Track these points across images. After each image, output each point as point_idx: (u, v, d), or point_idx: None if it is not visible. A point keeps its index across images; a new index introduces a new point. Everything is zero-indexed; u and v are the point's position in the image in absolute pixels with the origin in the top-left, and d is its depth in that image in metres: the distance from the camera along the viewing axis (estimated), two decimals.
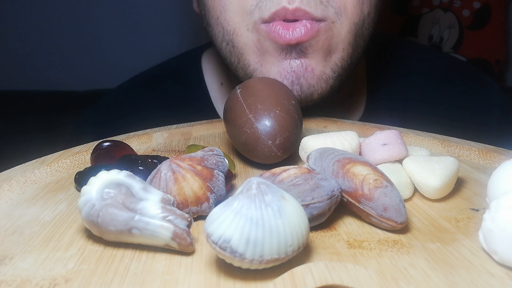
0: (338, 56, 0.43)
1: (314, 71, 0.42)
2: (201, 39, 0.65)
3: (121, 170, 0.24)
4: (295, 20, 0.40)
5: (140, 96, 0.60)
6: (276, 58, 0.42)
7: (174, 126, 0.44)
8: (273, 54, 0.42)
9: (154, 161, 0.30)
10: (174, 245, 0.22)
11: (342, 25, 0.41)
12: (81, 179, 0.29)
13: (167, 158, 0.29)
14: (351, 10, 0.41)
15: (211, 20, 0.45)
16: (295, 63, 0.41)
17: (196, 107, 0.58)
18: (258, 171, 0.34)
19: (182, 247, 0.22)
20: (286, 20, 0.40)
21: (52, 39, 1.19)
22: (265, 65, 0.43)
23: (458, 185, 0.31)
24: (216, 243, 0.19)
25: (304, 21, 0.40)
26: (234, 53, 0.44)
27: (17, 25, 1.17)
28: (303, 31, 0.39)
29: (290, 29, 0.40)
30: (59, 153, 0.35)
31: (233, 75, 0.47)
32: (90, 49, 1.21)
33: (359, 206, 0.25)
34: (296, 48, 0.41)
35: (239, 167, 0.35)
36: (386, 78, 0.58)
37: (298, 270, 0.19)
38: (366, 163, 0.26)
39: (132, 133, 0.41)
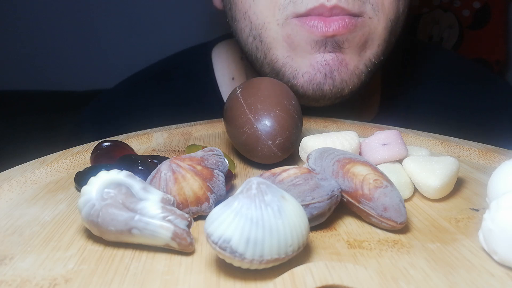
0: (373, 52, 0.42)
1: (348, 66, 0.41)
2: (204, 40, 0.64)
3: (121, 170, 0.24)
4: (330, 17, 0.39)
5: (144, 92, 0.59)
6: (309, 51, 0.41)
7: (174, 126, 0.44)
8: (305, 48, 0.41)
9: (154, 161, 0.30)
10: (174, 245, 0.22)
11: (379, 21, 0.41)
12: (81, 179, 0.29)
13: (167, 158, 0.29)
14: (388, 7, 0.41)
15: (238, 14, 0.44)
16: (330, 56, 0.40)
17: (204, 103, 0.57)
18: (258, 171, 0.34)
19: (182, 247, 0.22)
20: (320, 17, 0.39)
21: (52, 39, 1.19)
22: (296, 59, 0.42)
23: (458, 185, 0.31)
24: (216, 243, 0.19)
25: (341, 17, 0.39)
26: (261, 48, 0.43)
27: (17, 25, 1.17)
28: (340, 24, 0.39)
29: (327, 22, 0.39)
30: (59, 153, 0.35)
31: (248, 70, 0.46)
32: (90, 49, 1.21)
33: (359, 206, 0.25)
34: (332, 41, 0.40)
35: (239, 167, 0.35)
36: (401, 81, 0.57)
37: (298, 270, 0.19)
38: (366, 163, 0.26)
39: (132, 133, 0.41)
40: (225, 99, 0.57)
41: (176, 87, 0.58)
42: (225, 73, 0.58)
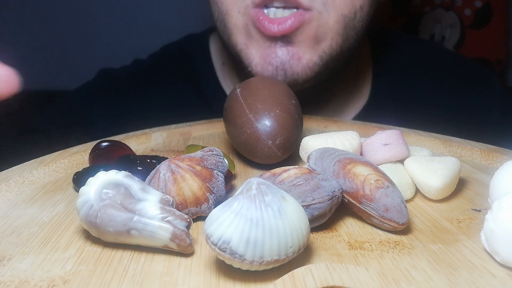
0: (327, 44, 0.44)
1: (300, 59, 0.44)
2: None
3: (120, 170, 0.24)
4: (284, 7, 0.42)
5: (148, 75, 0.61)
6: (262, 45, 0.44)
7: (173, 126, 0.44)
8: (259, 41, 0.44)
9: (153, 161, 0.30)
10: (173, 246, 0.22)
11: (329, 16, 0.43)
12: (79, 179, 0.29)
13: (166, 158, 0.29)
14: (340, 2, 0.43)
15: None
16: (281, 51, 0.43)
17: (203, 85, 0.60)
18: (258, 171, 0.34)
19: (181, 248, 0.22)
20: (276, 6, 0.42)
21: (52, 39, 1.19)
22: (251, 48, 0.45)
23: (460, 186, 0.30)
24: (215, 244, 0.19)
25: (288, 16, 0.42)
26: (225, 32, 0.47)
27: (17, 25, 1.17)
28: (287, 25, 0.42)
29: (276, 23, 0.42)
30: (57, 153, 0.35)
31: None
32: (90, 49, 1.21)
33: (360, 206, 0.24)
34: (282, 39, 0.43)
35: (239, 167, 0.35)
36: (391, 69, 0.58)
37: (299, 271, 0.19)
38: (367, 163, 0.26)
39: (131, 133, 0.41)
40: (221, 83, 0.60)
41: (178, 71, 0.61)
42: (218, 59, 0.61)
